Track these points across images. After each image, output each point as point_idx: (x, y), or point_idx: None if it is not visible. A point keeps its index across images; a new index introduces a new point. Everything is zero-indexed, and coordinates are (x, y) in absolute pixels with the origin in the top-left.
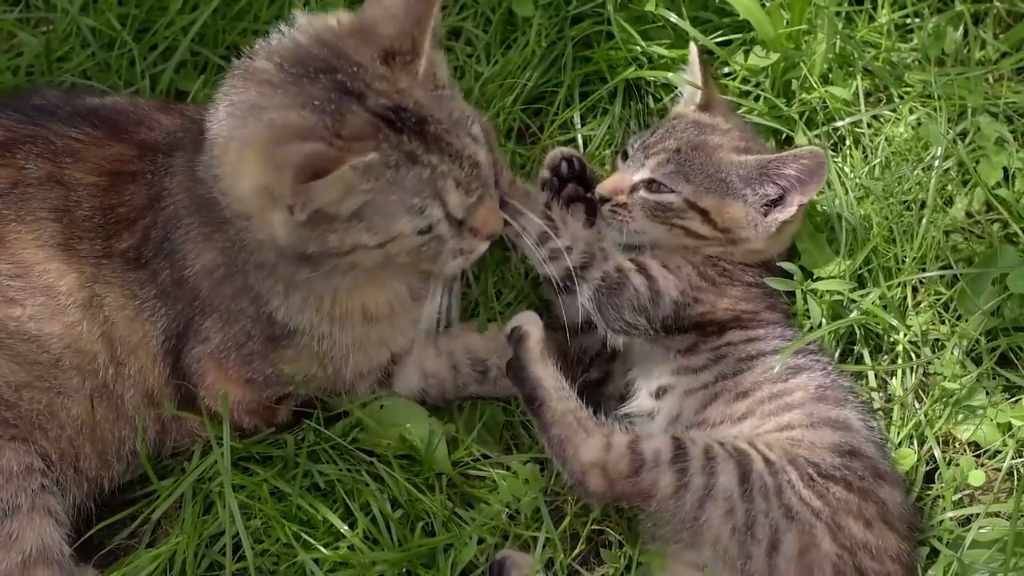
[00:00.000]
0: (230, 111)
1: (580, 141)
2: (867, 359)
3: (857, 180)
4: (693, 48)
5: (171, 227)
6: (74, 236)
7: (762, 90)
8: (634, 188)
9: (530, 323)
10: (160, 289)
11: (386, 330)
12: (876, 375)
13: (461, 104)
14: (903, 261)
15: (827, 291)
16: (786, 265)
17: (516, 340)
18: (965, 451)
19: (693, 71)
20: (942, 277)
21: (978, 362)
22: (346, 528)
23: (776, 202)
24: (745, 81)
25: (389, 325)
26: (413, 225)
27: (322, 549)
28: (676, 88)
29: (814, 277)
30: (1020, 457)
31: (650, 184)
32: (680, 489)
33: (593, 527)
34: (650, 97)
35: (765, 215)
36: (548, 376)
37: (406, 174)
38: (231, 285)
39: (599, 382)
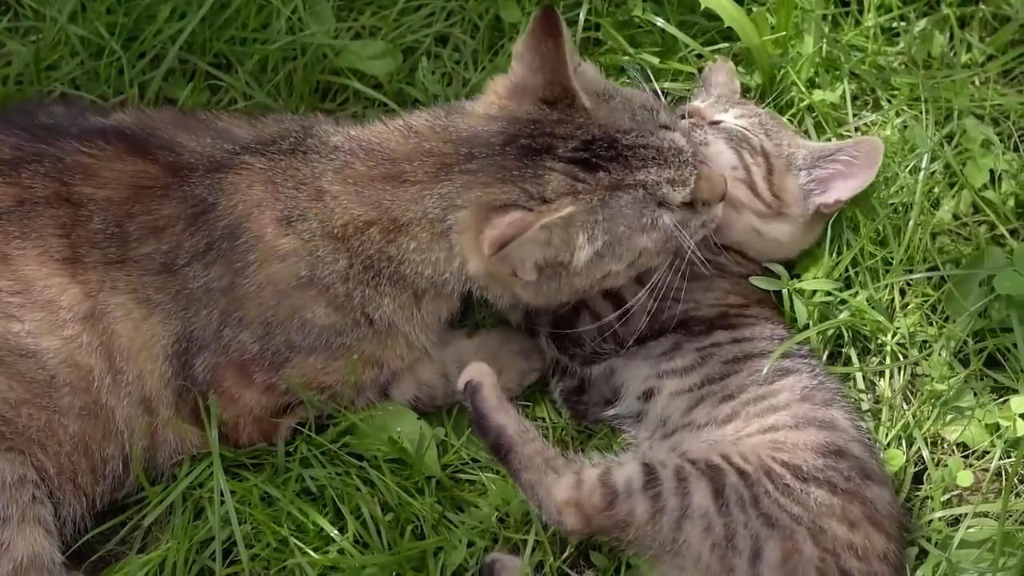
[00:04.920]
0: (439, 201)
1: None
2: (855, 361)
3: None
4: (726, 64)
5: (223, 240)
6: (81, 247)
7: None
8: (713, 123)
9: (481, 374)
10: (186, 294)
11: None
12: (864, 376)
13: (635, 97)
14: (890, 263)
15: (814, 291)
16: (772, 266)
17: (471, 393)
18: (953, 452)
19: (726, 81)
20: (929, 279)
21: (966, 363)
22: (336, 532)
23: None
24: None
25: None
26: (651, 238)
27: (312, 553)
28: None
29: (800, 277)
30: (1008, 457)
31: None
32: (656, 514)
33: None
34: None
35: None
36: (510, 422)
37: (620, 203)
38: (304, 296)
39: (578, 390)
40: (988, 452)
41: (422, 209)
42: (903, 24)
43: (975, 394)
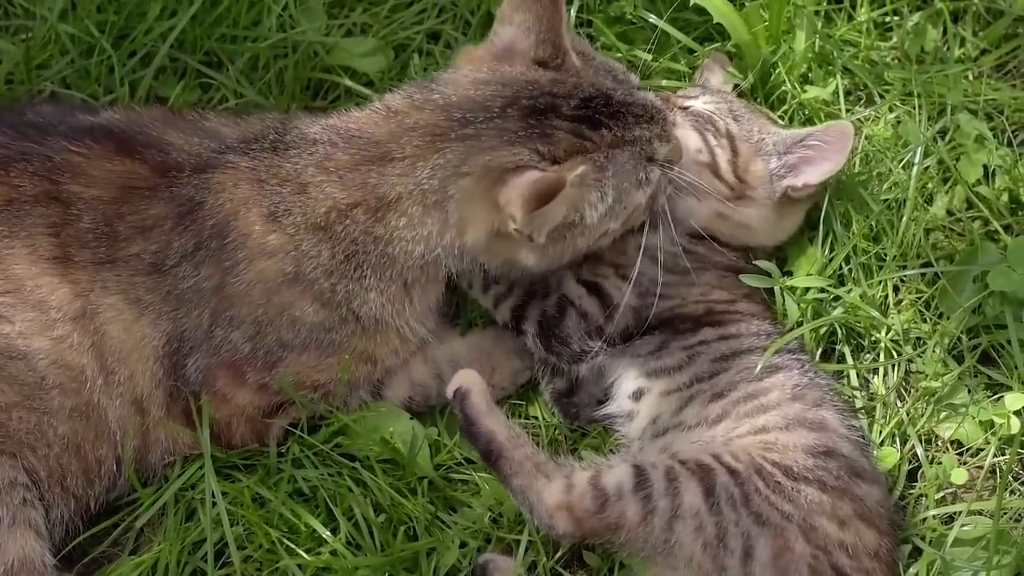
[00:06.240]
0: (435, 171)
1: None
2: (848, 358)
3: (837, 179)
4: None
5: (211, 239)
6: (72, 247)
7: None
8: (682, 108)
9: (469, 380)
10: (176, 294)
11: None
12: (858, 374)
13: (609, 61)
14: (884, 259)
15: (807, 289)
16: (763, 263)
17: (460, 399)
18: (947, 449)
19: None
20: (923, 275)
21: (960, 360)
22: (328, 533)
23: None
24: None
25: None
26: (645, 193)
27: (304, 555)
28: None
29: (792, 274)
30: (1002, 455)
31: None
32: (647, 516)
33: None
34: None
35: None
36: (500, 427)
37: (621, 160)
38: (291, 293)
39: (569, 391)
40: (982, 449)
41: (414, 182)
42: (896, 19)
43: (969, 391)
